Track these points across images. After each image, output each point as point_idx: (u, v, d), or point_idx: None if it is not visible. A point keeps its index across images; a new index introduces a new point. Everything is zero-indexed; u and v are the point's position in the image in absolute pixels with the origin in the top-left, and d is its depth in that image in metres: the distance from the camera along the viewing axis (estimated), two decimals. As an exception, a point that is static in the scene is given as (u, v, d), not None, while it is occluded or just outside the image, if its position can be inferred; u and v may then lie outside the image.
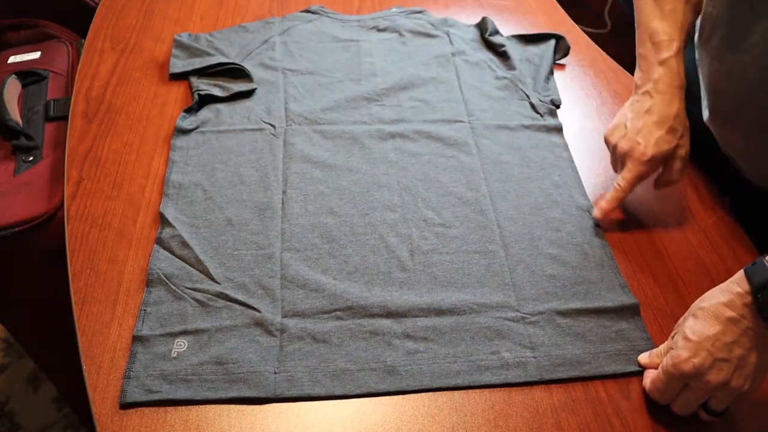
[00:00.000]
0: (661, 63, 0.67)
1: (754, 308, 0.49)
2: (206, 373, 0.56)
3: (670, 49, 0.67)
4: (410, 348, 0.59)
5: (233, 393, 0.55)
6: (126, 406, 0.54)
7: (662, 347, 0.57)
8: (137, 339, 0.58)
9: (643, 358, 0.59)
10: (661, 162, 0.68)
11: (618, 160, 0.70)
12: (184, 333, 0.59)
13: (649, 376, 0.57)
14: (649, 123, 0.67)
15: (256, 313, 0.61)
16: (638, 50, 0.70)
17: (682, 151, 0.68)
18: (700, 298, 0.54)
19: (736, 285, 0.51)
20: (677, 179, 0.69)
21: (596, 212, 0.71)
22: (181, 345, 0.58)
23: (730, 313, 0.51)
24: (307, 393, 0.56)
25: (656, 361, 0.57)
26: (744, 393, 0.52)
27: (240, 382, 0.56)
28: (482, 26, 1.00)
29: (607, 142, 0.72)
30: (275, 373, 0.57)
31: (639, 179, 0.68)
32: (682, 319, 0.55)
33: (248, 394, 0.55)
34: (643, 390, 0.57)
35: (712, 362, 0.51)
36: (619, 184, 0.69)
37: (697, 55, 0.70)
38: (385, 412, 0.56)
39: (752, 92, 0.61)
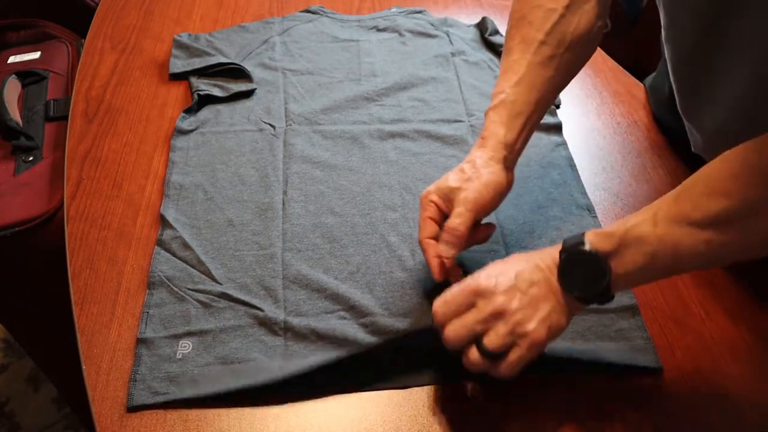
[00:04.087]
0: (486, 114, 0.63)
1: (558, 272, 0.50)
2: (212, 373, 0.56)
3: (492, 102, 0.63)
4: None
5: (242, 382, 0.55)
6: (133, 409, 0.54)
7: None
8: (141, 341, 0.58)
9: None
10: (444, 202, 0.60)
11: None
12: (188, 334, 0.59)
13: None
14: (454, 168, 0.62)
15: (260, 313, 0.61)
16: None
17: (462, 195, 0.58)
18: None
19: (554, 249, 0.52)
20: (456, 226, 0.57)
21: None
22: (185, 346, 0.58)
23: (540, 263, 0.51)
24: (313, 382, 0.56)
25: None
26: (522, 335, 0.49)
27: (246, 376, 0.56)
28: (482, 26, 1.00)
29: None
30: (280, 368, 0.57)
31: (425, 221, 0.60)
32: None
33: (257, 381, 0.55)
34: (643, 390, 0.57)
35: (509, 287, 0.50)
36: (421, 241, 0.61)
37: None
38: (385, 412, 0.56)
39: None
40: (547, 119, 0.85)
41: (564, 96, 0.89)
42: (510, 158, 0.62)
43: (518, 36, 0.62)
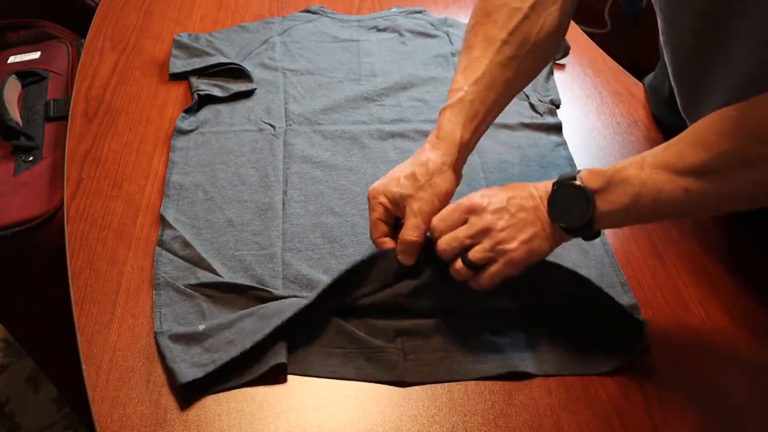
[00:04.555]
0: (441, 111, 0.62)
1: (547, 201, 0.55)
2: (244, 327, 0.57)
3: (449, 99, 0.62)
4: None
5: (275, 322, 0.56)
6: (189, 388, 0.54)
7: None
8: (159, 333, 0.58)
9: None
10: (394, 207, 0.60)
11: None
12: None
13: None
14: (405, 162, 0.62)
15: (267, 295, 0.62)
16: None
17: (416, 205, 0.58)
18: None
19: (549, 181, 0.56)
20: (410, 239, 0.58)
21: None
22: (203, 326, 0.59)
23: (534, 191, 0.56)
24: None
25: None
26: (503, 252, 0.54)
27: (276, 315, 0.57)
28: None
29: None
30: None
31: (375, 222, 0.61)
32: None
33: (287, 316, 0.56)
34: (643, 390, 0.57)
35: (500, 208, 0.55)
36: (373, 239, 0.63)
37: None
38: (385, 412, 0.56)
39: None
40: (547, 119, 0.85)
41: (564, 96, 0.89)
42: (461, 159, 0.62)
43: (482, 33, 0.62)
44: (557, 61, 0.95)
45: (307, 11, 1.03)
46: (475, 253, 0.55)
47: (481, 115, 0.62)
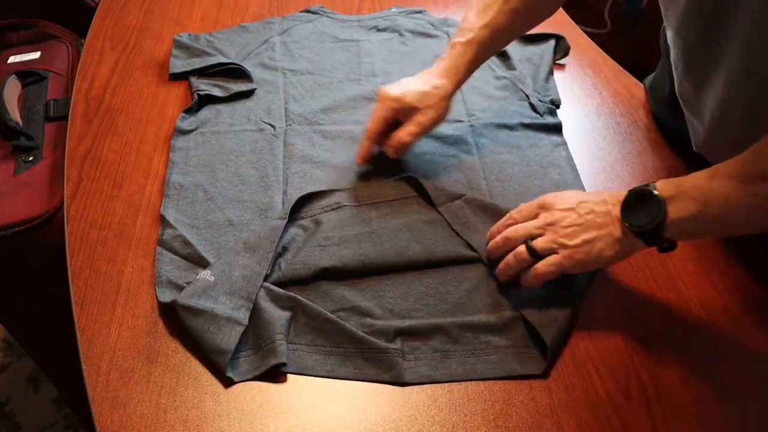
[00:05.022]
0: (452, 44, 0.72)
1: (621, 205, 0.57)
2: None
3: (462, 35, 0.72)
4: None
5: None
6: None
7: None
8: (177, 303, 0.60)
9: None
10: (400, 112, 0.71)
11: None
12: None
13: None
14: (416, 78, 0.73)
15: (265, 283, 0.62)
16: None
17: (421, 118, 0.71)
18: None
19: (624, 191, 0.58)
20: (404, 140, 0.71)
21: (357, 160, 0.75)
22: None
23: (608, 198, 0.59)
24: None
25: None
26: (563, 246, 0.58)
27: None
28: None
29: None
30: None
31: (380, 118, 0.72)
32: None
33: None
34: (642, 389, 0.57)
35: (569, 207, 0.59)
36: (366, 129, 0.74)
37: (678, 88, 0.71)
38: (385, 412, 0.56)
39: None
40: (547, 119, 0.85)
41: (564, 96, 0.89)
42: (455, 93, 0.74)
43: None
44: (557, 61, 0.95)
45: (307, 11, 1.02)
46: (537, 242, 0.59)
47: (482, 59, 0.73)
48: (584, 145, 0.82)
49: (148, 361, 0.58)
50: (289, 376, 0.57)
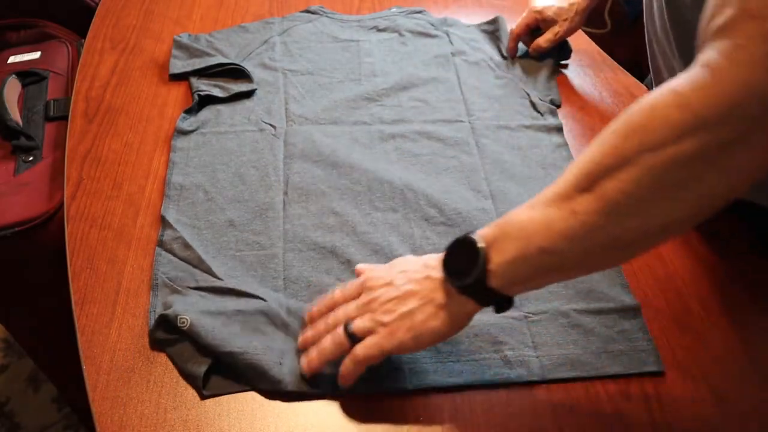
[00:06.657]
0: None
1: (442, 262, 0.52)
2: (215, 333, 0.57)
3: None
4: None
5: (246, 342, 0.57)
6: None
7: None
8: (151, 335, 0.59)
9: None
10: (540, 21, 0.90)
11: None
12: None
13: None
14: None
15: (262, 302, 0.61)
16: None
17: (558, 29, 0.89)
18: None
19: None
20: (542, 46, 0.91)
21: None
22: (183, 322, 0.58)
23: (429, 261, 0.54)
24: (310, 390, 0.55)
25: None
26: (381, 324, 0.52)
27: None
28: (494, 25, 1.00)
29: None
30: (280, 363, 0.56)
31: (523, 25, 0.92)
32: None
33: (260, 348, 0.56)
34: (643, 390, 0.57)
35: (387, 282, 0.54)
36: (511, 30, 0.94)
37: None
38: (385, 412, 0.55)
39: None
40: (548, 120, 0.85)
41: (564, 96, 0.89)
42: (589, 8, 0.89)
43: None
44: (558, 62, 0.95)
45: (307, 11, 1.02)
46: (355, 324, 0.53)
47: None
48: (584, 146, 0.82)
49: (148, 361, 0.58)
50: (290, 377, 0.57)
